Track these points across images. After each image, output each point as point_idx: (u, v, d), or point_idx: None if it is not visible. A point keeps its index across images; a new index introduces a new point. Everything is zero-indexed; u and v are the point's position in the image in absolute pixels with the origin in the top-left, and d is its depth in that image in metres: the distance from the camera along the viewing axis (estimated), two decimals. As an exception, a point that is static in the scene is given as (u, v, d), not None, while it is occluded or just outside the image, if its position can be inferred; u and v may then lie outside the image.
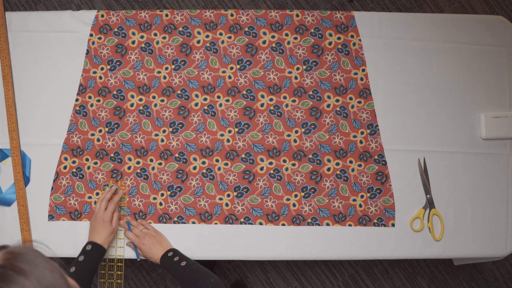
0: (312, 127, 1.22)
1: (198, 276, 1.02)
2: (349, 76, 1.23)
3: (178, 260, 1.07)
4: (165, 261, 1.09)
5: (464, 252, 1.20)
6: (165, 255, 1.09)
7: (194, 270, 1.03)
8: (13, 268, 0.49)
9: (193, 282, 1.01)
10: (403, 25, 1.25)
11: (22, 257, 0.51)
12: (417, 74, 1.24)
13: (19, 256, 0.51)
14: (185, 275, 1.03)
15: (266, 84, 1.23)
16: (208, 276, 1.01)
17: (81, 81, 1.22)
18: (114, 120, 1.21)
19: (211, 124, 1.21)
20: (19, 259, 0.50)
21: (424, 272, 1.89)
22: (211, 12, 1.24)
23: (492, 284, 1.90)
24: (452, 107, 1.24)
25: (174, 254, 1.09)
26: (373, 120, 1.22)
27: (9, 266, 0.49)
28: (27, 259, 0.51)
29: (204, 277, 1.01)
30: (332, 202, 1.19)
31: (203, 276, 1.01)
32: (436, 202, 1.20)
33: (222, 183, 1.20)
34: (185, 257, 1.09)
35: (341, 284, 1.87)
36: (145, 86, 1.22)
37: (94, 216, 1.11)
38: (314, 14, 1.25)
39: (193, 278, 1.02)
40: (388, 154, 1.21)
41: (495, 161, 1.23)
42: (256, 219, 1.19)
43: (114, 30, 1.24)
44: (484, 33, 1.26)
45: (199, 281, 1.00)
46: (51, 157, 1.20)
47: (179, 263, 1.06)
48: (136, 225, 1.16)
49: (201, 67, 1.23)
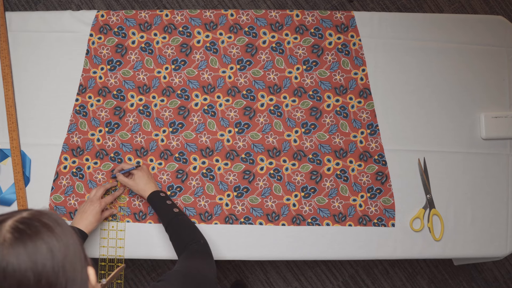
0: (312, 127, 1.22)
1: (187, 230, 1.01)
2: (349, 76, 1.23)
3: (171, 205, 1.07)
4: (156, 198, 1.08)
5: (464, 252, 1.20)
6: (157, 193, 1.09)
7: (185, 221, 1.03)
8: (40, 221, 0.54)
9: (180, 234, 1.01)
10: (403, 25, 1.25)
11: (48, 215, 0.56)
12: (417, 74, 1.24)
13: (45, 214, 0.56)
14: (174, 222, 1.03)
15: (266, 84, 1.23)
16: (197, 234, 1.00)
17: (81, 81, 1.22)
18: (114, 120, 1.21)
19: (211, 124, 1.21)
20: (44, 216, 0.55)
21: (424, 272, 1.89)
22: (211, 12, 1.24)
23: (492, 284, 1.90)
24: (452, 107, 1.24)
25: (166, 197, 1.09)
26: (373, 120, 1.22)
27: (36, 220, 0.54)
28: (52, 217, 0.56)
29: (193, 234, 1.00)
30: (332, 202, 1.19)
31: (193, 232, 1.01)
32: (436, 202, 1.20)
33: (222, 183, 1.20)
34: (176, 205, 1.08)
35: (341, 284, 1.87)
36: (145, 86, 1.22)
37: (87, 200, 1.11)
38: (314, 14, 1.25)
39: (182, 230, 1.01)
40: (388, 154, 1.21)
41: (495, 161, 1.23)
42: (256, 219, 1.19)
43: (114, 30, 1.24)
44: (484, 33, 1.26)
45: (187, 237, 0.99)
46: (51, 157, 1.20)
47: (172, 208, 1.06)
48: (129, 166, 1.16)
49: (201, 67, 1.23)
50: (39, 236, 0.52)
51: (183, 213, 1.07)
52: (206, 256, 0.95)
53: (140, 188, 1.10)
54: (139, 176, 1.12)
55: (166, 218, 1.04)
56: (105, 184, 1.17)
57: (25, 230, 0.52)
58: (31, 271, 0.51)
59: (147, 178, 1.12)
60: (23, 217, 0.54)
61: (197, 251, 0.96)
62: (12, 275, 0.50)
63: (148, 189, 1.10)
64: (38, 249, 0.52)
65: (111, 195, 1.14)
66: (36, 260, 0.51)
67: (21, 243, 0.51)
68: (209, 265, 0.93)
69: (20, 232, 0.52)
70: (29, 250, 0.51)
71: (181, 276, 0.83)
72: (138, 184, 1.11)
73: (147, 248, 1.17)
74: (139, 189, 1.11)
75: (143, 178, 1.11)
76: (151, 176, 1.14)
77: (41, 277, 0.51)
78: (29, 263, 0.51)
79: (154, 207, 1.09)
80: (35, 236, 0.52)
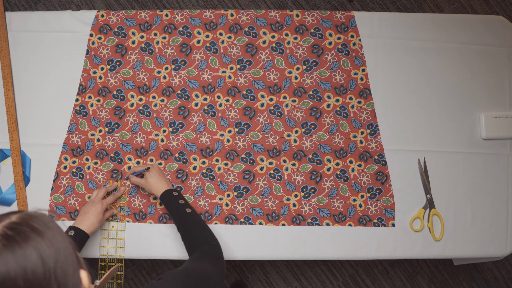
0: (312, 127, 1.22)
1: (200, 231, 1.00)
2: (349, 76, 1.23)
3: (184, 204, 1.05)
4: (169, 197, 1.07)
5: (464, 252, 1.20)
6: (169, 191, 1.08)
7: (198, 222, 1.02)
8: (29, 226, 0.53)
9: (193, 235, 1.00)
10: (403, 25, 1.25)
11: (38, 218, 0.55)
12: (417, 74, 1.24)
13: (34, 217, 0.55)
14: (187, 222, 1.02)
15: (266, 84, 1.23)
16: (210, 236, 0.99)
17: (81, 81, 1.22)
18: (114, 120, 1.21)
19: (211, 124, 1.21)
20: (34, 220, 0.54)
21: (424, 272, 1.89)
22: (211, 12, 1.24)
23: (492, 284, 1.90)
24: (452, 107, 1.24)
25: (179, 196, 1.08)
26: (373, 120, 1.22)
27: (25, 224, 0.53)
28: (42, 220, 0.55)
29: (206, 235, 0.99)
30: (332, 202, 1.19)
31: (205, 234, 1.00)
32: (436, 202, 1.20)
33: (222, 183, 1.20)
34: (189, 204, 1.07)
35: (341, 284, 1.87)
36: (145, 86, 1.22)
37: (89, 201, 1.11)
38: (314, 14, 1.25)
39: (195, 230, 1.00)
40: (388, 154, 1.21)
41: (495, 161, 1.23)
42: (256, 219, 1.19)
43: (114, 30, 1.24)
44: (484, 33, 1.26)
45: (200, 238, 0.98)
46: (51, 157, 1.20)
47: (184, 207, 1.04)
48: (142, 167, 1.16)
49: (201, 67, 1.23)
50: (28, 242, 0.51)
51: (196, 213, 1.06)
52: (215, 258, 0.94)
53: (152, 188, 1.10)
54: (150, 175, 1.11)
55: (178, 218, 1.04)
56: (107, 185, 1.17)
57: (14, 236, 0.51)
58: (21, 278, 0.50)
59: (158, 177, 1.11)
60: (12, 222, 0.53)
61: (207, 252, 0.95)
62: (2, 283, 0.49)
63: (160, 188, 1.09)
64: (28, 256, 0.51)
65: (112, 195, 1.14)
66: (26, 267, 0.50)
67: (10, 250, 0.50)
68: (218, 266, 0.92)
69: (8, 239, 0.51)
70: (19, 257, 0.50)
71: (182, 276, 0.82)
72: (150, 183, 1.10)
73: (147, 248, 1.17)
74: (152, 189, 1.10)
75: (154, 177, 1.11)
76: (162, 175, 1.13)
77: (32, 284, 0.50)
78: (19, 270, 0.50)
79: (167, 206, 1.08)
80: (24, 243, 0.51)
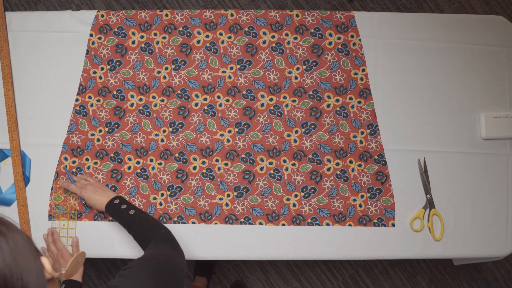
0: (312, 127, 1.22)
1: (147, 226, 1.01)
2: (349, 76, 1.23)
3: (126, 208, 1.07)
4: (111, 207, 1.08)
5: (464, 252, 1.20)
6: (111, 202, 1.09)
7: (143, 219, 1.03)
8: None
9: (142, 231, 1.01)
10: (403, 25, 1.25)
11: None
12: (417, 74, 1.24)
13: None
14: (133, 223, 1.03)
15: (266, 84, 1.23)
16: (158, 226, 1.00)
17: (81, 81, 1.22)
18: (114, 120, 1.21)
19: (211, 124, 1.21)
20: None
21: (424, 272, 1.89)
22: (211, 12, 1.24)
23: (492, 284, 1.90)
24: (452, 107, 1.24)
25: (121, 202, 1.09)
26: (373, 120, 1.22)
27: None
28: (3, 222, 0.55)
29: (154, 227, 1.00)
30: (332, 202, 1.19)
31: (153, 226, 1.01)
32: (436, 202, 1.20)
33: (222, 183, 1.20)
34: (133, 205, 1.08)
35: (341, 284, 1.87)
36: (145, 86, 1.22)
37: None
38: (314, 14, 1.25)
39: (142, 227, 1.01)
40: (388, 154, 1.21)
41: (495, 161, 1.23)
42: (256, 219, 1.19)
43: (114, 30, 1.24)
44: (484, 33, 1.26)
45: (149, 232, 0.99)
46: (51, 157, 1.20)
47: (127, 211, 1.06)
48: (77, 179, 1.17)
49: (201, 67, 1.23)
50: None
51: (141, 211, 1.07)
52: (170, 241, 0.95)
53: (92, 204, 1.12)
54: (86, 192, 1.12)
55: (126, 223, 1.05)
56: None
57: None
58: None
59: (92, 192, 1.12)
60: None
61: (161, 239, 0.95)
62: None
63: (100, 203, 1.10)
64: None
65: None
66: None
67: None
68: (176, 250, 0.92)
69: None
70: None
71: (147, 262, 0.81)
72: (89, 200, 1.12)
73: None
74: (95, 205, 1.11)
75: (89, 192, 1.12)
76: (98, 187, 1.14)
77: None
78: None
79: (113, 217, 1.09)
80: None
